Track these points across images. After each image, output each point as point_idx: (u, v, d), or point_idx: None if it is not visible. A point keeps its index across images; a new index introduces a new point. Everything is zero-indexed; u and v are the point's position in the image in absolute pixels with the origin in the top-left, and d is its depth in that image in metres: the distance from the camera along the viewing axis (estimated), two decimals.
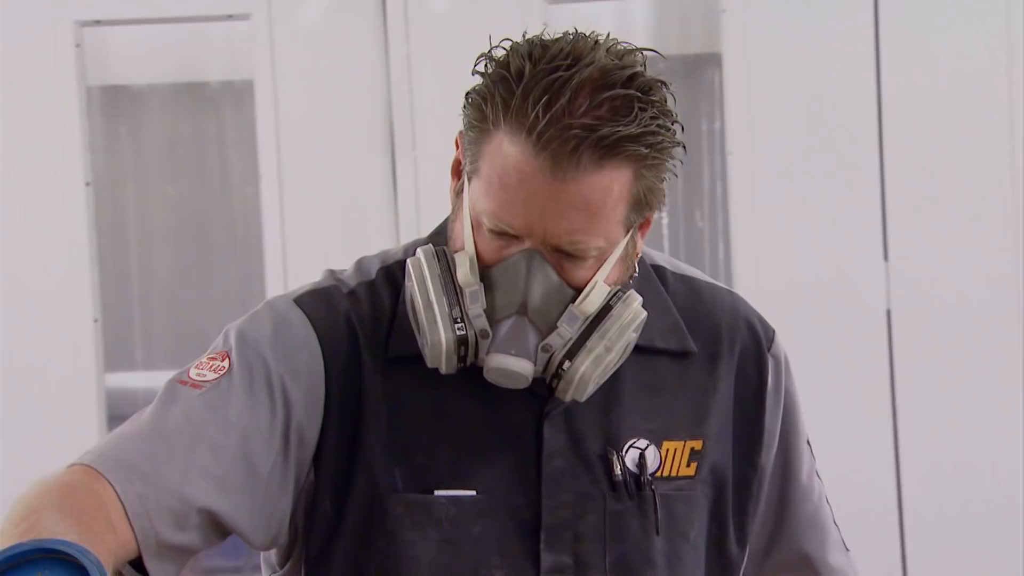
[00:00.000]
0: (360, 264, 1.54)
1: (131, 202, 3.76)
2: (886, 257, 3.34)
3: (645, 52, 1.38)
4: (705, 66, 3.75)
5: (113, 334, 3.45)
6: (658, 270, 1.58)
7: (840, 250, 3.34)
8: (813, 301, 3.33)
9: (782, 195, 3.35)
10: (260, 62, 3.34)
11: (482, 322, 1.37)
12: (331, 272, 1.54)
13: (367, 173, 3.34)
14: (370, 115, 3.33)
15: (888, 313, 3.34)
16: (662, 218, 3.81)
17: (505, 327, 1.37)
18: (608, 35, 1.38)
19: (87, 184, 3.32)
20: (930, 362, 3.33)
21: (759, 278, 3.34)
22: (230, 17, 3.42)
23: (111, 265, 3.54)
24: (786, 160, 3.35)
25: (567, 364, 1.38)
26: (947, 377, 3.32)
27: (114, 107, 3.71)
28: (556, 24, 3.19)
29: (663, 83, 1.37)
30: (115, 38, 3.61)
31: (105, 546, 1.21)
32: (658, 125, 1.33)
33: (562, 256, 1.37)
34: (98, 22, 3.36)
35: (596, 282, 1.39)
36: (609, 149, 1.30)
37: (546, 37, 1.36)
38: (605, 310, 1.40)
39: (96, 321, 3.33)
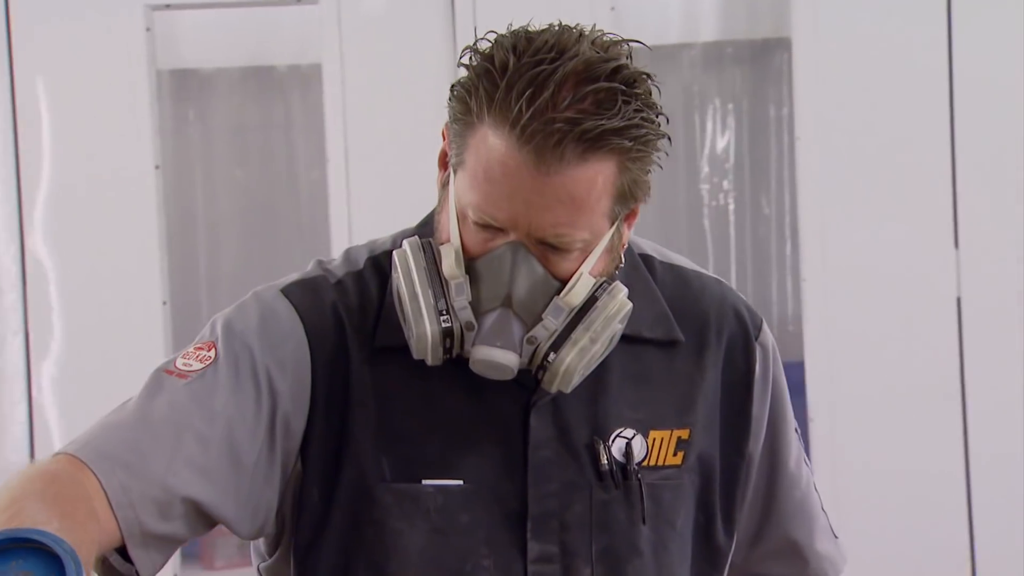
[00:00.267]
0: (348, 254, 1.55)
1: (199, 186, 3.80)
2: (956, 245, 3.31)
3: (631, 43, 1.37)
4: (773, 51, 3.73)
5: (181, 316, 3.49)
6: (646, 259, 1.58)
7: (910, 238, 3.31)
8: (882, 289, 3.30)
9: (851, 182, 3.32)
10: (328, 46, 3.36)
11: (467, 314, 1.38)
12: (319, 262, 1.54)
13: (434, 158, 3.33)
14: (437, 99, 3.30)
15: (958, 301, 3.31)
16: (729, 204, 3.79)
17: (490, 319, 1.37)
18: (594, 26, 1.37)
19: (156, 167, 3.35)
20: (1000, 350, 3.29)
21: (827, 266, 3.32)
22: (299, 1, 3.44)
23: (179, 248, 3.58)
24: (855, 146, 3.32)
25: (552, 356, 1.38)
26: (1017, 365, 3.28)
27: (183, 91, 3.75)
28: (623, 8, 3.21)
29: (648, 76, 1.36)
30: (184, 22, 3.64)
31: (88, 535, 1.22)
32: (642, 118, 1.33)
33: (547, 248, 1.37)
34: (168, 6, 3.38)
35: (581, 274, 1.39)
36: (593, 142, 1.30)
37: (532, 29, 1.35)
38: (590, 302, 1.40)
39: (165, 303, 3.36)
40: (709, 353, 1.55)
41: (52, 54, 3.33)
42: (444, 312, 1.37)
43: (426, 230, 1.49)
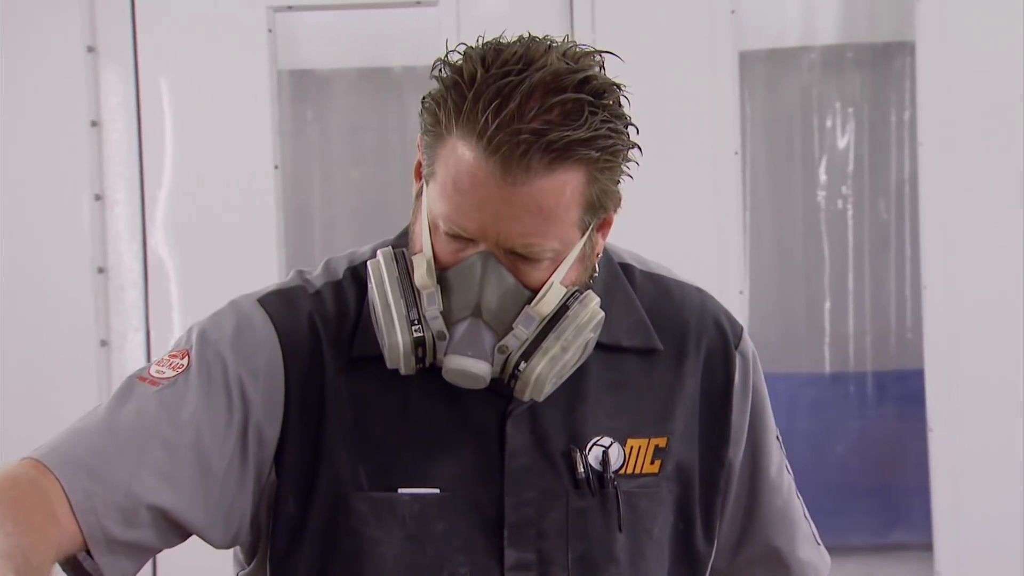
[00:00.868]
0: (328, 264, 1.56)
1: (316, 185, 3.84)
2: None
3: (603, 54, 1.38)
4: (894, 55, 3.68)
5: None
6: (626, 268, 1.59)
7: None
8: (1006, 298, 3.25)
9: (974, 188, 3.26)
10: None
11: (439, 324, 1.39)
12: (299, 272, 1.56)
13: None
14: None
15: None
16: (847, 209, 3.74)
17: (461, 329, 1.39)
18: (566, 37, 1.38)
19: (276, 167, 3.39)
20: None
21: (949, 273, 3.26)
22: (418, 3, 3.46)
23: (296, 247, 3.61)
24: (979, 152, 3.26)
25: (523, 365, 1.39)
26: None
27: (301, 91, 3.78)
28: (743, 11, 3.18)
29: (617, 86, 1.37)
30: (303, 23, 3.68)
31: (44, 539, 1.25)
32: (609, 129, 1.33)
33: (517, 258, 1.38)
34: (290, 8, 3.42)
35: (552, 283, 1.40)
36: (559, 153, 1.31)
37: (503, 40, 1.37)
38: (561, 311, 1.41)
39: None
40: (688, 362, 1.56)
41: (176, 55, 3.39)
42: (416, 322, 1.39)
43: (402, 240, 1.51)
